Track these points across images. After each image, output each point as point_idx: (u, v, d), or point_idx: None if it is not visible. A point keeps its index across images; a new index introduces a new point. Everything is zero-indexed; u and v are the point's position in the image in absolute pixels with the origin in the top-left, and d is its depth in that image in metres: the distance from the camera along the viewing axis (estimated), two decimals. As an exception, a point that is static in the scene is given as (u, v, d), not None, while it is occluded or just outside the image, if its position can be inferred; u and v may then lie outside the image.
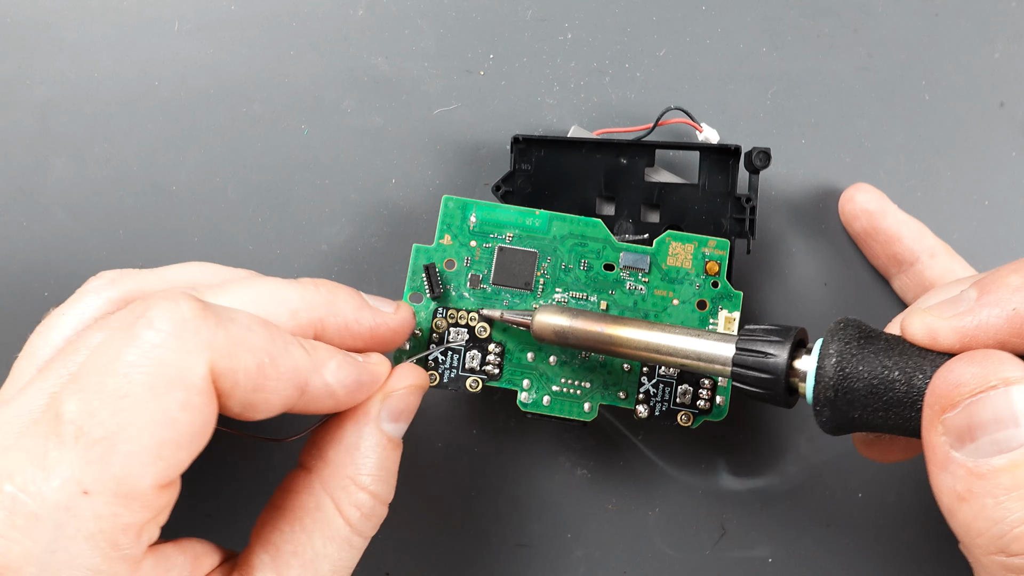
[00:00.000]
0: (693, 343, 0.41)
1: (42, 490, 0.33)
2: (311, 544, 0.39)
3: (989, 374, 0.33)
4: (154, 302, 0.35)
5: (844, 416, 0.37)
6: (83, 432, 0.33)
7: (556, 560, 0.51)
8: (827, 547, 0.51)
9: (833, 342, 0.37)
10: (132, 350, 0.34)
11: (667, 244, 0.47)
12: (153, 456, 0.34)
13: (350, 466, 0.41)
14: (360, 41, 0.54)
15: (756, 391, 0.39)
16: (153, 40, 0.54)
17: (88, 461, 0.33)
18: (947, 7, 0.54)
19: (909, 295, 0.50)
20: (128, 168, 0.53)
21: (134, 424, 0.34)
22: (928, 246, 0.50)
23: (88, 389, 0.34)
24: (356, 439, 0.41)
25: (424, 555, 0.51)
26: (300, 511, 0.40)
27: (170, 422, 0.34)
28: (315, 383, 0.39)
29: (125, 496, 0.34)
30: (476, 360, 0.46)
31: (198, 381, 0.35)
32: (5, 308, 0.52)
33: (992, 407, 0.33)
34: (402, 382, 0.42)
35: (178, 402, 0.34)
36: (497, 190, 0.49)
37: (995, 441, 0.33)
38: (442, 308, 0.47)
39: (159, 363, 0.34)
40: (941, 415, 0.34)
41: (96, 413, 0.33)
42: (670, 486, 0.51)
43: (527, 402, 0.46)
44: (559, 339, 0.44)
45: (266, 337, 0.37)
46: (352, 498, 0.40)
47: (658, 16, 0.54)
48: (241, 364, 0.36)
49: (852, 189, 0.51)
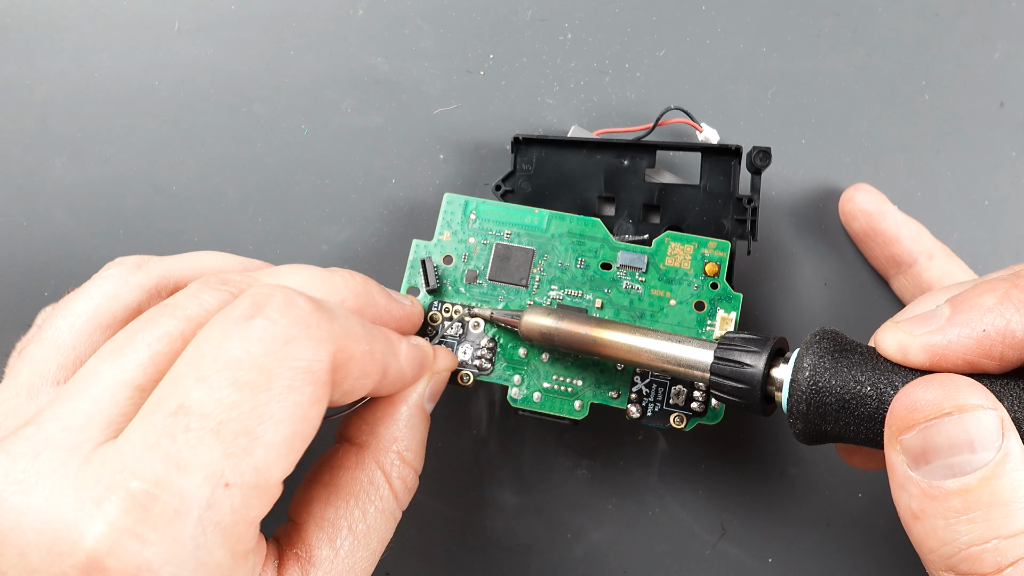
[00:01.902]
0: (673, 348, 0.41)
1: (180, 485, 0.32)
2: (364, 519, 0.40)
3: (946, 400, 0.33)
4: (267, 297, 0.35)
5: (816, 429, 0.37)
6: (222, 425, 0.33)
7: (556, 560, 0.51)
8: (827, 547, 0.51)
9: (808, 355, 0.37)
10: (259, 343, 0.34)
11: (666, 244, 0.47)
12: (288, 448, 0.34)
13: (400, 441, 0.41)
14: (360, 41, 0.54)
15: (733, 400, 0.40)
16: (153, 40, 0.54)
17: (229, 454, 0.33)
18: (947, 7, 0.54)
19: (908, 296, 0.51)
20: (128, 168, 0.53)
21: (275, 416, 0.33)
22: (926, 247, 0.50)
23: (219, 381, 0.33)
24: (406, 417, 0.42)
25: (424, 555, 0.51)
26: (354, 486, 0.40)
27: (304, 415, 0.34)
28: (393, 366, 0.40)
29: (259, 489, 0.33)
30: (468, 354, 0.46)
31: (325, 374, 0.35)
32: (5, 308, 0.52)
33: (946, 433, 0.33)
34: (441, 364, 0.44)
35: (310, 395, 0.34)
36: (498, 190, 0.49)
37: (948, 465, 0.33)
38: (438, 302, 0.47)
39: (292, 357, 0.34)
40: (899, 435, 0.34)
41: (237, 406, 0.33)
42: (670, 486, 0.51)
43: (517, 398, 0.46)
44: (545, 340, 0.44)
45: (364, 326, 0.38)
46: (399, 471, 0.41)
47: (658, 16, 0.54)
48: (354, 354, 0.36)
49: (852, 189, 0.51)
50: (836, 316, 0.52)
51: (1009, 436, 0.33)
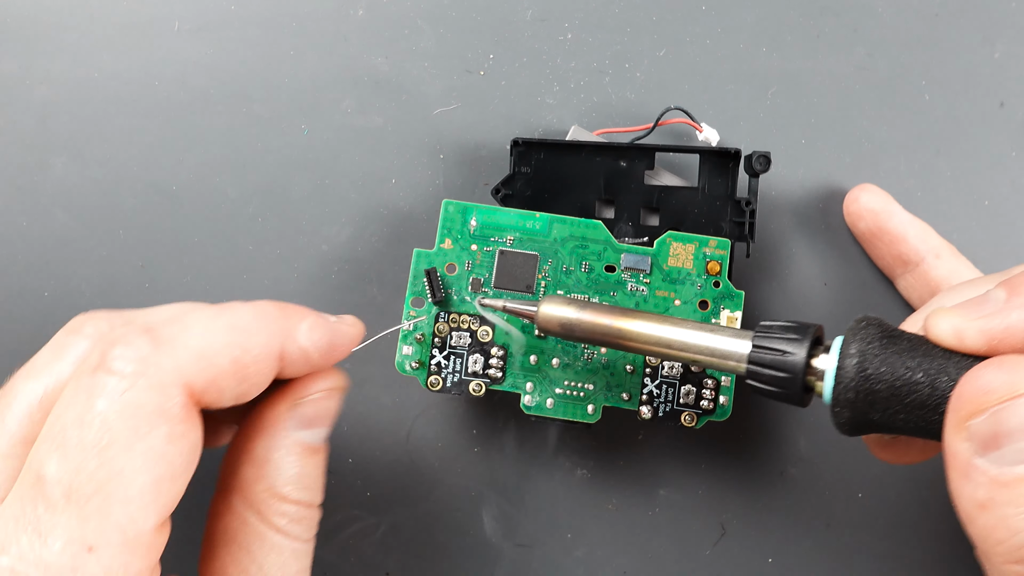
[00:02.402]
0: (707, 339, 0.40)
1: (42, 557, 0.32)
2: (254, 561, 0.38)
3: (1019, 381, 0.32)
4: (107, 347, 0.34)
5: (864, 417, 0.36)
6: (73, 489, 0.32)
7: (556, 560, 0.51)
8: (827, 547, 0.51)
9: (854, 341, 0.36)
10: (102, 400, 0.33)
11: (668, 245, 0.47)
12: (152, 495, 0.33)
13: (265, 479, 0.39)
14: (360, 41, 0.54)
15: (772, 390, 0.38)
16: (153, 40, 0.54)
17: (86, 518, 0.32)
18: (947, 7, 0.54)
19: (914, 295, 0.50)
20: (128, 168, 0.53)
21: (125, 470, 0.33)
22: (933, 246, 0.50)
23: (67, 447, 0.33)
24: (266, 452, 0.39)
25: (424, 555, 0.51)
26: (231, 532, 0.38)
27: (160, 458, 0.33)
28: (290, 349, 0.38)
29: (131, 543, 0.33)
30: (479, 364, 0.46)
31: (178, 410, 0.34)
32: (5, 308, 0.52)
33: (1021, 415, 0.32)
34: (315, 387, 0.40)
35: (163, 436, 0.34)
36: (496, 193, 0.49)
37: (1021, 450, 0.32)
38: (444, 312, 0.47)
39: (136, 404, 0.33)
40: (967, 421, 0.33)
41: (82, 468, 0.32)
42: (670, 486, 0.51)
43: (530, 405, 0.46)
44: (565, 331, 0.42)
45: (226, 328, 0.36)
46: (276, 509, 0.39)
47: (658, 16, 0.54)
48: (217, 370, 0.35)
49: (857, 189, 0.51)
50: (837, 317, 0.52)
51: None
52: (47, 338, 0.48)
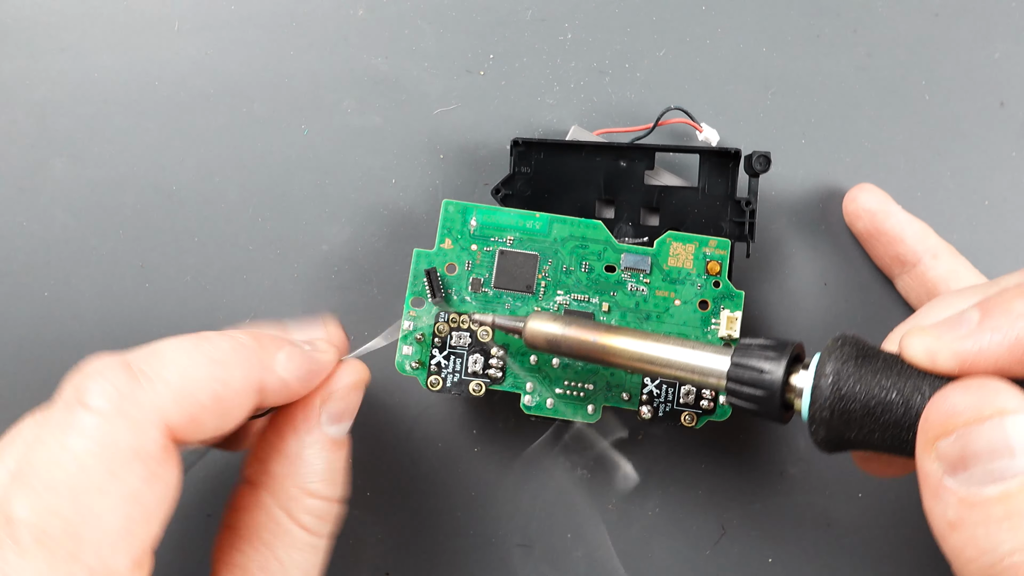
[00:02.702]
0: (688, 355, 0.40)
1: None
2: (275, 557, 0.38)
3: (985, 404, 0.33)
4: (82, 382, 0.34)
5: (839, 436, 0.36)
6: (43, 532, 0.32)
7: (556, 560, 0.51)
8: (827, 547, 0.51)
9: (830, 360, 0.36)
10: (76, 438, 0.33)
11: (668, 244, 0.47)
12: (124, 537, 0.33)
13: (296, 476, 0.39)
14: (360, 41, 0.54)
15: (750, 407, 0.39)
16: (153, 40, 0.54)
17: (56, 560, 0.32)
18: (947, 7, 0.54)
19: (912, 296, 0.50)
20: (128, 168, 0.53)
21: (97, 512, 0.32)
22: (931, 246, 0.50)
23: (38, 487, 0.32)
24: (299, 448, 0.40)
25: (424, 555, 0.51)
26: (256, 527, 0.39)
27: (135, 499, 0.33)
28: (269, 380, 0.38)
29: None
30: (479, 364, 0.46)
31: (155, 451, 0.34)
32: (5, 308, 0.52)
33: (987, 437, 0.32)
34: (342, 381, 0.41)
35: (139, 477, 0.33)
36: (496, 193, 0.49)
37: (989, 471, 0.32)
38: (444, 312, 0.47)
39: (110, 444, 0.33)
40: (935, 442, 0.33)
41: (54, 510, 0.32)
42: (670, 486, 0.51)
43: (531, 405, 0.46)
44: (551, 347, 0.43)
45: (206, 363, 0.36)
46: (304, 506, 0.39)
47: (658, 16, 0.54)
48: (197, 407, 0.35)
49: (856, 189, 0.51)
50: (837, 317, 0.52)
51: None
52: (47, 338, 0.49)
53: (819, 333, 0.52)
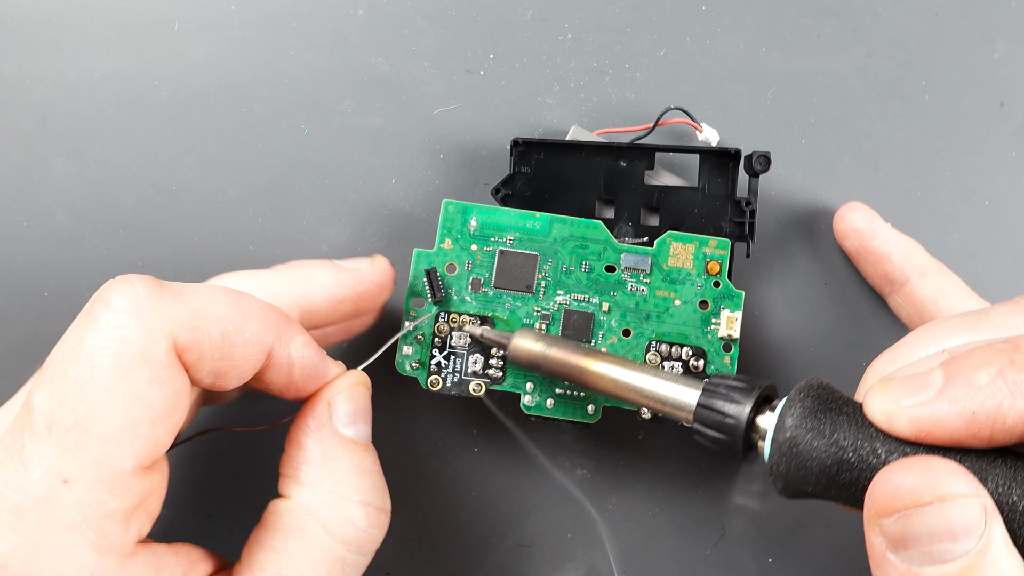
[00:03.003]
0: (660, 387, 0.41)
1: (23, 483, 0.33)
2: (295, 567, 0.38)
3: (926, 489, 0.33)
4: (110, 285, 0.36)
5: (797, 489, 0.36)
6: (54, 421, 0.33)
7: (556, 560, 0.51)
8: (827, 547, 0.51)
9: (790, 414, 0.36)
10: (92, 334, 0.34)
11: (668, 244, 0.47)
12: (129, 436, 0.34)
13: (329, 481, 0.40)
14: (360, 41, 0.54)
15: (713, 448, 0.39)
16: (153, 40, 0.54)
17: (63, 450, 0.33)
18: (947, 7, 0.54)
19: (903, 314, 0.50)
20: (128, 168, 0.53)
21: (104, 407, 0.34)
22: (918, 265, 0.50)
23: (54, 379, 0.34)
24: (320, 451, 0.40)
25: (424, 555, 0.51)
26: (284, 533, 0.39)
27: (140, 400, 0.34)
28: (279, 351, 0.39)
29: (106, 481, 0.34)
30: (479, 364, 0.46)
31: (161, 356, 0.35)
32: (5, 308, 0.52)
33: (926, 522, 0.32)
34: (344, 381, 0.42)
35: (145, 379, 0.34)
36: (496, 193, 0.49)
37: (927, 553, 0.32)
38: (444, 312, 0.47)
39: (121, 343, 0.34)
40: (877, 519, 0.33)
41: (64, 401, 0.34)
42: (670, 486, 0.51)
43: (530, 405, 0.46)
44: (532, 367, 0.44)
45: (229, 305, 0.38)
46: (342, 513, 0.39)
47: (658, 16, 0.54)
48: (205, 335, 0.36)
49: (844, 208, 0.51)
50: (836, 317, 0.52)
51: (992, 524, 0.32)
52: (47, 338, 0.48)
53: (819, 333, 0.52)
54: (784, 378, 0.51)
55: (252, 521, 0.41)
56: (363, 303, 0.44)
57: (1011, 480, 0.33)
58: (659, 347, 0.46)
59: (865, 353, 0.50)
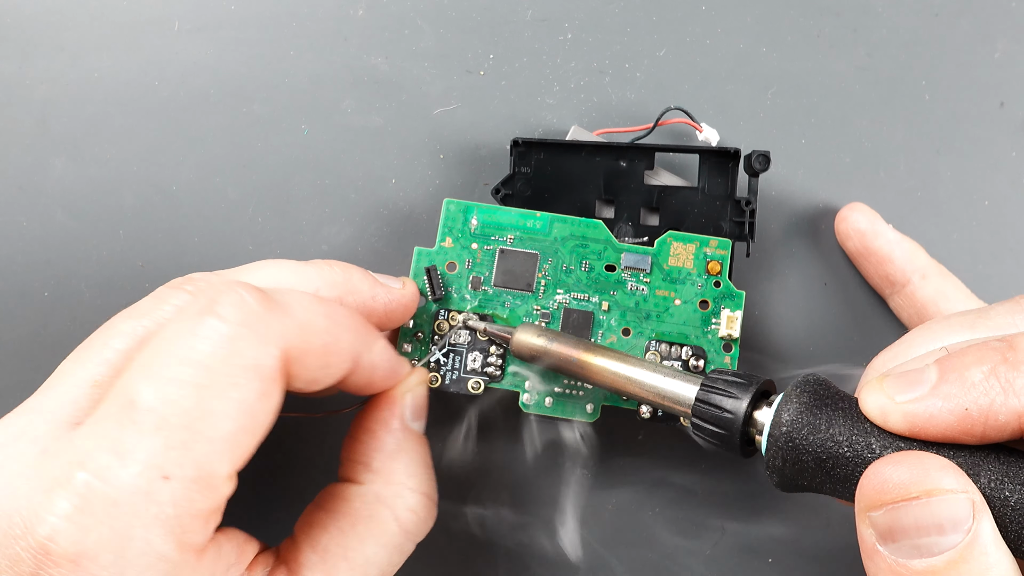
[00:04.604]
0: (659, 382, 0.41)
1: (120, 476, 0.33)
2: (363, 550, 0.40)
3: (914, 483, 0.33)
4: (219, 293, 0.36)
5: (793, 483, 0.37)
6: (165, 420, 0.34)
7: (556, 560, 0.51)
8: (827, 547, 0.51)
9: (786, 409, 0.37)
10: (206, 341, 0.35)
11: (668, 244, 0.47)
12: (232, 443, 0.35)
13: (399, 472, 0.42)
14: (360, 41, 0.54)
15: (712, 443, 0.39)
16: (153, 40, 0.54)
17: (170, 447, 0.34)
18: (947, 7, 0.54)
19: (904, 315, 0.51)
20: (128, 168, 0.53)
21: (216, 413, 0.34)
22: (920, 266, 0.50)
23: (166, 378, 0.34)
24: (395, 443, 0.42)
25: (424, 555, 0.51)
26: (352, 518, 0.41)
27: (248, 411, 0.35)
28: (365, 359, 0.40)
29: (202, 482, 0.34)
30: (478, 361, 0.46)
31: (272, 371, 0.36)
32: (5, 308, 0.52)
33: (913, 516, 0.33)
34: (414, 378, 0.44)
35: (256, 391, 0.35)
36: (496, 193, 0.49)
37: (916, 546, 0.33)
38: (444, 310, 0.47)
39: (236, 354, 0.35)
40: (867, 512, 0.34)
41: (178, 402, 0.34)
42: (670, 486, 0.51)
43: (529, 403, 0.46)
44: (534, 360, 0.45)
45: (327, 316, 0.38)
46: (407, 503, 0.41)
47: (658, 16, 0.54)
48: (311, 348, 0.37)
49: (846, 209, 0.51)
50: (837, 316, 0.52)
51: (981, 518, 0.33)
52: (47, 338, 0.49)
53: (819, 333, 0.52)
54: (784, 378, 0.51)
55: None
56: (388, 321, 0.45)
57: (1003, 476, 0.34)
58: (659, 347, 0.46)
59: (865, 354, 0.50)
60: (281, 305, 0.37)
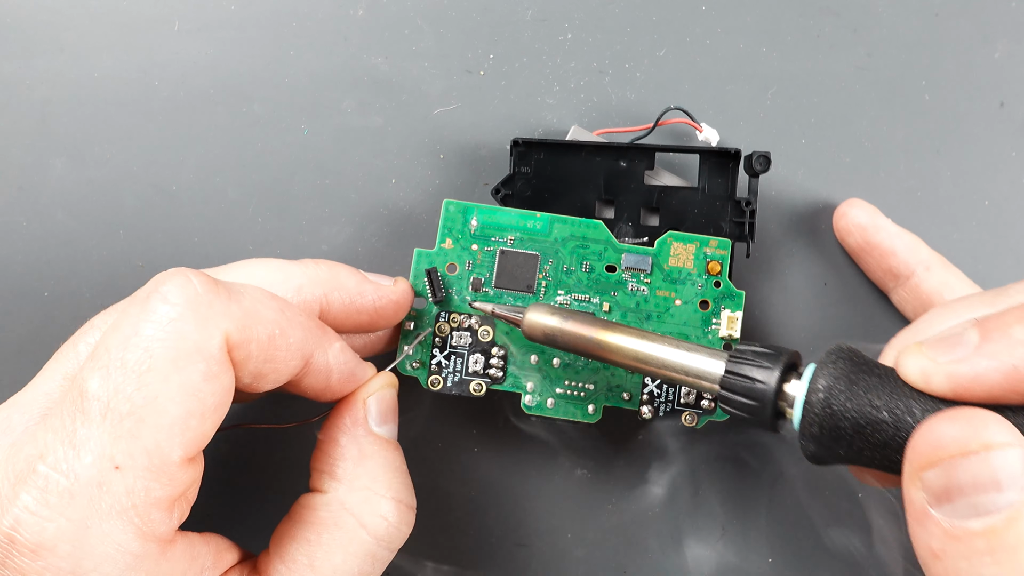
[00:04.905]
0: (683, 357, 0.40)
1: (74, 467, 0.34)
2: (329, 559, 0.40)
3: (971, 437, 0.32)
4: (165, 278, 0.36)
5: (829, 452, 0.36)
6: (109, 408, 0.34)
7: (556, 560, 0.51)
8: (827, 547, 0.51)
9: (822, 376, 0.36)
10: (149, 325, 0.35)
11: (668, 244, 0.47)
12: (181, 427, 0.35)
13: (364, 477, 0.41)
14: (360, 41, 0.54)
15: (742, 415, 0.39)
16: (153, 40, 0.54)
17: (117, 436, 0.34)
18: (947, 7, 0.54)
19: (908, 308, 0.50)
20: (128, 168, 0.53)
21: (160, 397, 0.34)
22: (923, 259, 0.50)
23: (110, 366, 0.34)
24: (357, 448, 0.42)
25: (424, 555, 0.51)
26: (318, 527, 0.40)
27: (194, 393, 0.35)
28: (318, 358, 0.40)
29: (156, 469, 0.34)
30: (479, 363, 0.46)
31: (216, 352, 0.36)
32: (5, 308, 0.52)
33: (971, 471, 0.32)
34: (377, 382, 0.43)
35: (200, 373, 0.35)
36: (496, 193, 0.49)
37: (973, 504, 0.32)
38: (445, 312, 0.47)
39: (178, 336, 0.35)
40: (920, 472, 0.33)
41: (121, 388, 0.34)
42: (670, 486, 0.51)
43: (531, 405, 0.46)
44: (548, 340, 0.43)
45: (276, 310, 0.38)
46: (377, 509, 0.41)
47: (658, 16, 0.54)
48: (254, 335, 0.37)
49: (845, 205, 0.51)
50: (837, 316, 0.52)
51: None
52: (47, 338, 0.49)
53: (819, 333, 0.52)
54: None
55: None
56: (379, 319, 0.45)
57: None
58: (659, 347, 0.46)
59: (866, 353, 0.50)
60: (229, 290, 0.37)
